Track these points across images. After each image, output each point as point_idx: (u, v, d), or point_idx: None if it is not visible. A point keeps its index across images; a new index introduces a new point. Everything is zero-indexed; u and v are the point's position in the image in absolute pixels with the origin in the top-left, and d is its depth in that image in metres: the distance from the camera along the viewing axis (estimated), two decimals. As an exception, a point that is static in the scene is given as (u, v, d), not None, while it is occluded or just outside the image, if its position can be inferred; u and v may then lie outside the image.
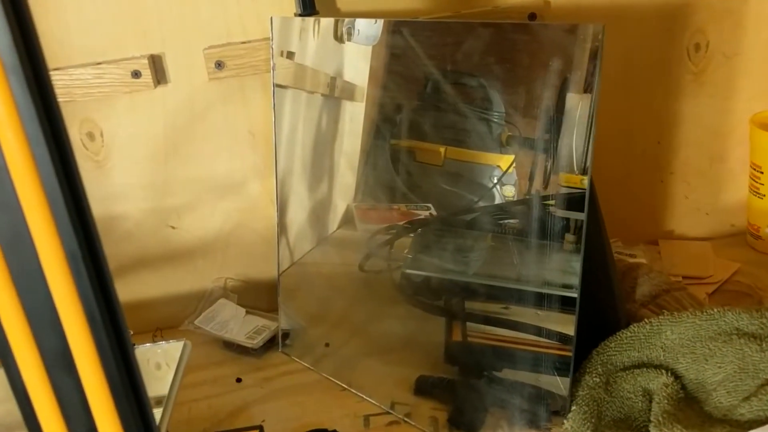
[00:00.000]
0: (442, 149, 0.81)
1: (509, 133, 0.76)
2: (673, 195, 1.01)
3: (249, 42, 0.86)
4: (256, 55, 0.86)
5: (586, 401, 0.68)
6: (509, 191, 0.78)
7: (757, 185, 0.96)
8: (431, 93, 0.79)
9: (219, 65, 0.86)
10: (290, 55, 0.86)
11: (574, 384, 0.71)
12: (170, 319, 0.96)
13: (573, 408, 0.68)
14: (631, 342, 0.72)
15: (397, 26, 0.79)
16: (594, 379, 0.70)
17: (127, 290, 0.97)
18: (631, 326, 0.73)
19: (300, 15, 0.84)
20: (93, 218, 0.36)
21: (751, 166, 0.97)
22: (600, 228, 0.77)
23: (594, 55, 0.65)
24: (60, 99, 0.84)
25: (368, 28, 0.82)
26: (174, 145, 0.91)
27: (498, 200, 0.79)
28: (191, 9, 0.85)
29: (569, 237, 0.71)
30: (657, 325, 0.72)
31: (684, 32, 0.93)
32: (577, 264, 0.68)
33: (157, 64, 0.87)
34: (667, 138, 0.98)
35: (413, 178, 0.83)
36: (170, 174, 0.92)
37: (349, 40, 0.83)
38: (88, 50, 0.85)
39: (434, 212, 0.84)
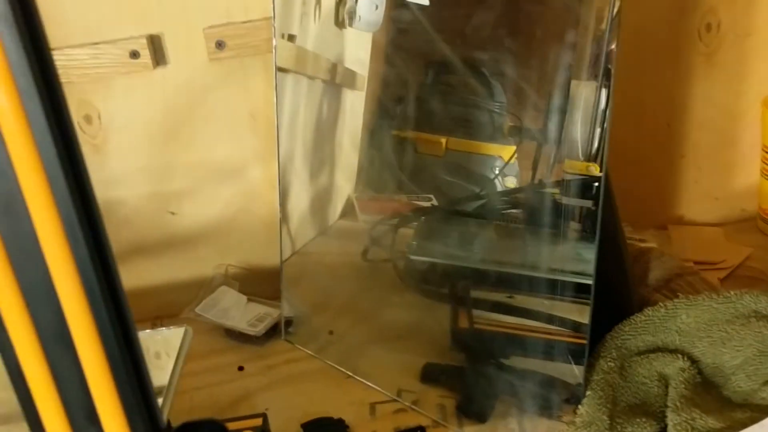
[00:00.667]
0: (443, 140, 0.79)
1: (511, 124, 0.75)
2: (684, 179, 0.99)
3: (250, 21, 0.84)
4: (257, 34, 0.84)
5: (601, 386, 0.66)
6: (511, 182, 0.77)
7: (769, 169, 0.94)
8: (432, 83, 0.78)
9: (220, 45, 0.84)
10: (291, 38, 0.84)
11: (588, 369, 0.69)
12: (170, 306, 0.94)
13: (588, 393, 0.67)
14: (646, 326, 0.70)
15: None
16: (608, 363, 0.68)
17: (126, 277, 0.93)
18: (646, 310, 0.71)
19: (302, -8, 0.81)
20: (91, 186, 0.34)
21: (762, 150, 0.95)
22: (614, 213, 0.76)
23: (610, 21, 0.63)
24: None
25: (370, 14, 0.80)
26: (173, 128, 0.89)
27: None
28: (191, -13, 0.83)
29: (580, 225, 0.70)
30: (672, 309, 0.70)
31: (695, 12, 0.91)
32: (590, 251, 0.66)
33: (156, 44, 0.84)
34: (678, 121, 0.96)
35: (414, 169, 0.82)
36: (170, 158, 0.90)
37: (350, 25, 0.81)
38: (85, 30, 0.83)
39: (435, 203, 0.82)
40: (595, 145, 0.70)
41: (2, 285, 0.32)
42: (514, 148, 0.76)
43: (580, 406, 0.66)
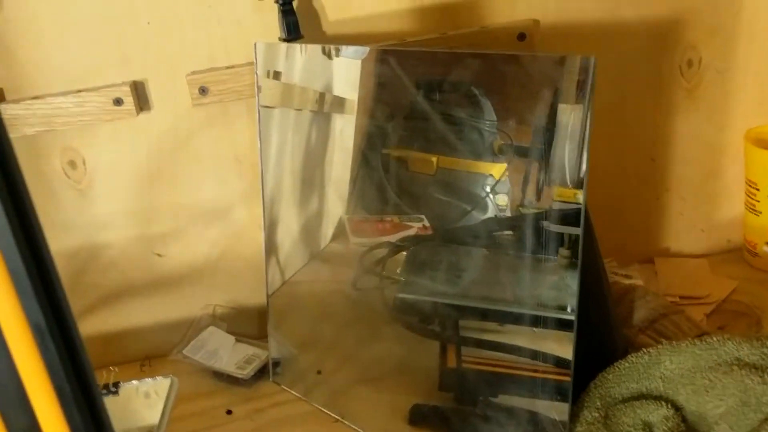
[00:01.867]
0: (434, 158, 0.79)
1: (501, 141, 0.75)
2: (669, 212, 1.00)
3: (233, 67, 0.85)
4: (240, 80, 0.84)
5: (585, 438, 0.66)
6: (502, 200, 0.77)
7: (753, 202, 0.95)
8: (422, 103, 0.78)
9: (203, 91, 0.84)
10: (276, 75, 0.85)
11: (573, 419, 0.69)
12: (158, 347, 0.94)
13: (572, 446, 0.67)
14: (630, 373, 0.70)
15: (384, 54, 0.78)
16: (593, 414, 0.68)
17: (113, 319, 0.95)
18: (629, 356, 0.71)
19: (285, 40, 0.82)
20: (61, 284, 0.34)
21: (746, 183, 0.96)
22: (594, 250, 0.76)
23: (585, 86, 0.63)
24: (39, 128, 0.83)
25: (356, 42, 0.80)
26: (158, 173, 0.89)
27: (491, 210, 0.77)
28: (174, 34, 0.83)
29: (564, 252, 0.70)
30: (656, 355, 0.70)
31: (676, 48, 0.92)
32: (573, 284, 0.66)
33: (139, 91, 0.85)
34: (662, 155, 0.96)
35: (406, 188, 0.82)
36: (155, 201, 0.90)
37: (337, 56, 0.82)
38: (68, 77, 0.83)
39: (427, 224, 0.82)
40: (582, 170, 0.70)
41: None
42: (504, 165, 0.75)
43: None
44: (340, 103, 0.84)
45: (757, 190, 0.94)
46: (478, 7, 0.87)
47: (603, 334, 0.76)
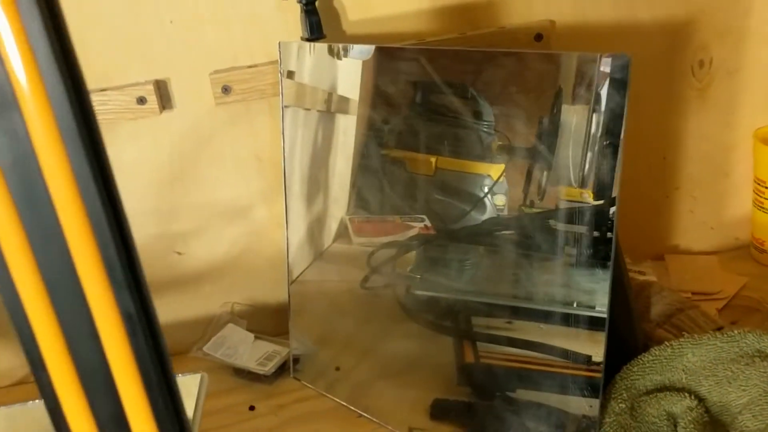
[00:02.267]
0: (433, 159, 0.80)
1: (500, 142, 0.76)
2: (679, 210, 1.02)
3: (255, 66, 0.85)
4: (262, 79, 0.85)
5: (614, 428, 0.67)
6: (500, 200, 0.78)
7: (761, 200, 0.97)
8: (421, 103, 0.79)
9: (226, 90, 0.85)
10: (291, 74, 0.86)
11: (600, 410, 0.70)
12: (177, 345, 0.94)
13: (602, 436, 0.68)
14: (653, 365, 0.72)
15: (386, 54, 0.79)
16: (620, 404, 0.70)
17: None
18: (652, 349, 0.73)
19: (307, 40, 0.83)
20: (144, 275, 0.35)
21: (755, 181, 0.98)
22: (617, 246, 0.77)
23: (616, 84, 0.65)
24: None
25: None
26: (180, 171, 0.89)
27: (489, 210, 0.78)
28: (197, 33, 0.84)
29: (579, 251, 0.71)
30: (678, 348, 0.72)
31: (688, 49, 0.93)
32: (596, 280, 0.68)
33: (162, 90, 0.85)
34: (673, 153, 0.98)
35: (405, 188, 0.83)
36: (176, 200, 0.91)
37: (345, 56, 0.83)
38: (91, 76, 0.83)
39: (428, 224, 0.83)
40: (586, 169, 0.71)
41: (63, 378, 0.33)
42: (503, 166, 0.77)
43: (594, 449, 0.68)
44: (344, 104, 0.85)
45: (766, 188, 0.96)
46: (495, 7, 0.88)
47: (624, 328, 0.77)
